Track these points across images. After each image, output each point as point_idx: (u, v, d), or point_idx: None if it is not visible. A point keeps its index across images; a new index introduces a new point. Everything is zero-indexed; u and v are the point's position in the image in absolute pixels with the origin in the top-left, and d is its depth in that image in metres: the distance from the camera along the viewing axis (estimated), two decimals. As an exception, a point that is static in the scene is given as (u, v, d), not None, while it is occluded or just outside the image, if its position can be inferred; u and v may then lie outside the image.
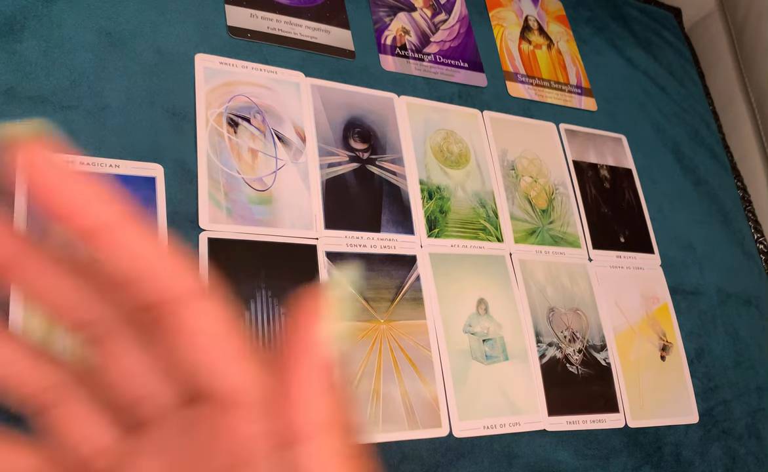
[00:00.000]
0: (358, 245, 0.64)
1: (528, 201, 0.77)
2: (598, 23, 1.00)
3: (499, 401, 0.64)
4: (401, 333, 0.63)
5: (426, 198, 0.70)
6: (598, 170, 0.85)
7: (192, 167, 0.60)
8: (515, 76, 0.86)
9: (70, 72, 0.58)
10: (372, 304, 0.62)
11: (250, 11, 0.71)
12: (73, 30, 0.60)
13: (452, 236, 0.70)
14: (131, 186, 0.56)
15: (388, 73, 0.76)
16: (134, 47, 0.62)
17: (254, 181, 0.62)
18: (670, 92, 1.00)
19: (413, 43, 0.80)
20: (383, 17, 0.80)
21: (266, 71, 0.68)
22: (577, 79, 0.91)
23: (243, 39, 0.68)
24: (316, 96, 0.69)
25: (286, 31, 0.71)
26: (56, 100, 0.57)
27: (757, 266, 0.93)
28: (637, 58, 1.00)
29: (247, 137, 0.64)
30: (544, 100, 0.86)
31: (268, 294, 0.58)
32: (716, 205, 0.93)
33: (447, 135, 0.76)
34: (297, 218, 0.62)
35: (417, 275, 0.66)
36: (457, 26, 0.85)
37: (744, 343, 0.84)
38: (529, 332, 0.70)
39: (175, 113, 0.61)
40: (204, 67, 0.65)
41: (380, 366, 0.60)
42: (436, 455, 0.59)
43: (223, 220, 0.59)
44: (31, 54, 0.57)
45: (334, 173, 0.67)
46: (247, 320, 0.57)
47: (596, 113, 0.90)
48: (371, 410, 0.58)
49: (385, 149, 0.71)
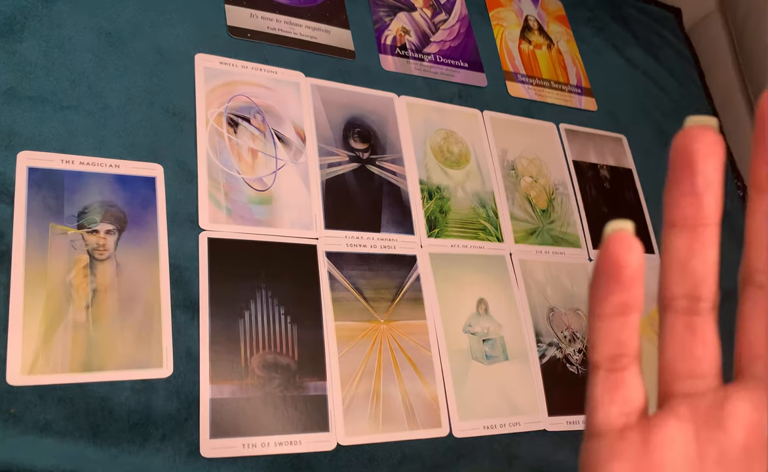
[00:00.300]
0: (358, 245, 0.64)
1: (528, 201, 0.77)
2: (598, 23, 1.00)
3: (499, 401, 0.64)
4: (401, 333, 0.63)
5: (426, 198, 0.70)
6: (598, 170, 0.85)
7: (192, 167, 0.60)
8: (515, 76, 0.86)
9: (70, 72, 0.58)
10: (372, 304, 0.62)
11: (250, 11, 0.71)
12: (73, 30, 0.60)
13: (452, 236, 0.70)
14: (131, 186, 0.56)
15: (388, 73, 0.76)
16: (134, 47, 0.62)
17: (254, 181, 0.62)
18: (670, 92, 1.00)
19: (413, 43, 0.80)
20: (383, 17, 0.80)
21: (266, 71, 0.68)
22: (577, 79, 0.91)
23: (243, 39, 0.68)
24: (316, 96, 0.69)
25: (286, 31, 0.71)
26: (56, 100, 0.57)
27: (757, 266, 0.92)
28: (637, 58, 1.00)
29: (247, 137, 0.63)
30: (544, 100, 0.86)
31: (268, 294, 0.58)
32: (716, 206, 0.93)
33: (447, 135, 0.75)
34: (297, 218, 0.62)
35: (417, 275, 0.66)
36: (457, 26, 0.85)
37: (744, 343, 0.84)
38: (529, 332, 0.70)
39: (175, 113, 0.61)
40: (204, 67, 0.65)
41: (380, 366, 0.60)
42: (436, 455, 0.59)
43: (223, 220, 0.59)
44: (31, 54, 0.57)
45: (334, 173, 0.67)
46: (247, 320, 0.57)
47: (596, 113, 0.90)
48: (371, 410, 0.58)
49: (385, 149, 0.71)
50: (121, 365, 0.50)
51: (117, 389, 0.50)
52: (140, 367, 0.51)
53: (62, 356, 0.49)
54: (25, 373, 0.47)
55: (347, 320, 0.61)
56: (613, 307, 0.19)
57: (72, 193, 0.54)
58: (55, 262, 0.51)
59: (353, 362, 0.59)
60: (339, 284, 0.62)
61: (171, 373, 0.52)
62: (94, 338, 0.50)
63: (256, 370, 0.55)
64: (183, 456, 0.50)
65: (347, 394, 0.58)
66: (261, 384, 0.55)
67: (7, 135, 0.54)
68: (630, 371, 0.20)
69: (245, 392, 0.54)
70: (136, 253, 0.54)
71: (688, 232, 0.19)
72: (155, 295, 0.54)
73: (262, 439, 0.53)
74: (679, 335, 0.20)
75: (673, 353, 0.20)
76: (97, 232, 0.54)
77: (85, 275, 0.52)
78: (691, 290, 0.20)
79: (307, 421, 0.55)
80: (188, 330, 0.54)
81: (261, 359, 0.56)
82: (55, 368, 0.48)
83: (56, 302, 0.50)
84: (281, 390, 0.55)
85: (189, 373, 0.53)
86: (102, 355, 0.50)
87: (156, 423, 0.50)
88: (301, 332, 0.58)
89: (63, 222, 0.53)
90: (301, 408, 0.55)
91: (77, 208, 0.54)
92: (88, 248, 0.53)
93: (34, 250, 0.51)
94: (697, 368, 0.20)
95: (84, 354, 0.50)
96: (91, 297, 0.52)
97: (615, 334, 0.20)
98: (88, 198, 0.54)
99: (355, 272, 0.63)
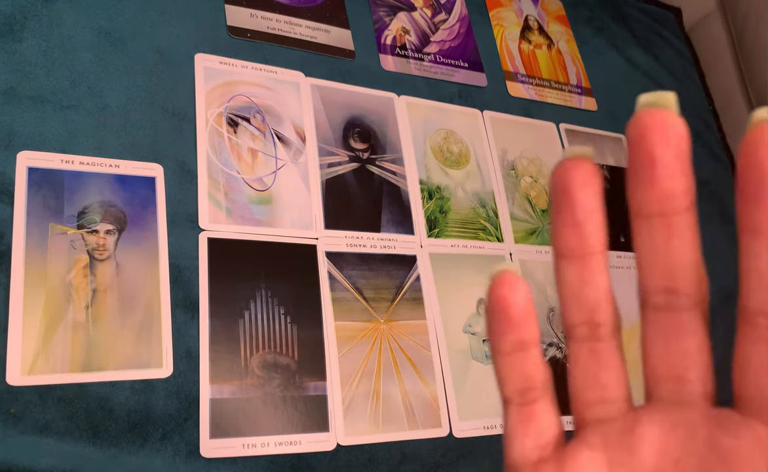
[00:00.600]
0: (358, 245, 0.64)
1: (528, 201, 0.77)
2: (598, 23, 1.00)
3: (499, 401, 0.64)
4: (401, 333, 0.63)
5: (426, 198, 0.70)
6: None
7: (192, 167, 0.60)
8: (515, 76, 0.86)
9: (69, 72, 0.58)
10: (372, 304, 0.62)
11: (250, 11, 0.71)
12: (73, 30, 0.60)
13: (452, 235, 0.70)
14: (131, 186, 0.56)
15: (388, 72, 0.76)
16: (134, 47, 0.62)
17: (254, 181, 0.62)
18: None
19: (413, 43, 0.80)
20: (383, 17, 0.80)
21: (266, 71, 0.68)
22: (577, 79, 0.91)
23: (243, 39, 0.68)
24: (316, 96, 0.69)
25: (286, 30, 0.71)
26: (56, 100, 0.57)
27: (757, 266, 0.92)
28: (637, 58, 1.00)
29: (247, 137, 0.63)
30: (544, 100, 0.86)
31: (268, 294, 0.58)
32: (716, 206, 0.93)
33: (447, 135, 0.75)
34: (297, 218, 0.62)
35: (417, 275, 0.66)
36: (457, 26, 0.85)
37: (744, 343, 0.84)
38: (529, 332, 0.70)
39: (174, 113, 0.61)
40: (204, 67, 0.65)
41: (380, 366, 0.60)
42: (436, 455, 0.59)
43: (223, 220, 0.59)
44: (31, 54, 0.57)
45: (334, 173, 0.67)
46: (246, 319, 0.57)
47: (596, 113, 0.90)
48: (371, 410, 0.58)
49: (385, 149, 0.71)
50: (121, 365, 0.50)
51: (117, 389, 0.50)
52: (140, 367, 0.51)
53: (62, 356, 0.49)
54: (24, 373, 0.47)
55: (347, 320, 0.61)
56: (510, 345, 0.20)
57: (72, 193, 0.54)
58: (54, 262, 0.51)
59: (353, 362, 0.59)
60: (339, 284, 0.62)
61: (171, 373, 0.52)
62: (93, 338, 0.50)
63: (256, 370, 0.55)
64: (183, 456, 0.50)
65: (347, 394, 0.58)
66: (261, 384, 0.55)
67: (7, 135, 0.54)
68: (540, 403, 0.20)
69: (245, 392, 0.54)
70: (135, 253, 0.54)
71: (576, 262, 0.19)
72: (155, 295, 0.54)
73: (261, 439, 0.53)
74: (583, 363, 0.20)
75: (581, 381, 0.20)
76: (96, 232, 0.54)
77: (85, 275, 0.52)
78: (588, 317, 0.20)
79: (307, 421, 0.55)
80: (188, 330, 0.54)
81: (261, 359, 0.56)
82: (54, 368, 0.48)
83: (56, 302, 0.50)
84: (281, 390, 0.55)
85: (189, 373, 0.53)
86: (102, 355, 0.50)
87: (156, 423, 0.50)
88: (301, 332, 0.58)
89: (63, 222, 0.53)
90: (301, 408, 0.55)
91: (77, 208, 0.54)
92: (87, 248, 0.53)
93: (33, 250, 0.51)
94: (606, 393, 0.20)
95: (84, 354, 0.50)
96: (91, 297, 0.52)
97: (518, 368, 0.20)
98: (88, 198, 0.54)
99: (355, 272, 0.63)
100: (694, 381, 0.19)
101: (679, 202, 0.18)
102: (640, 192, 0.18)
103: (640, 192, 0.18)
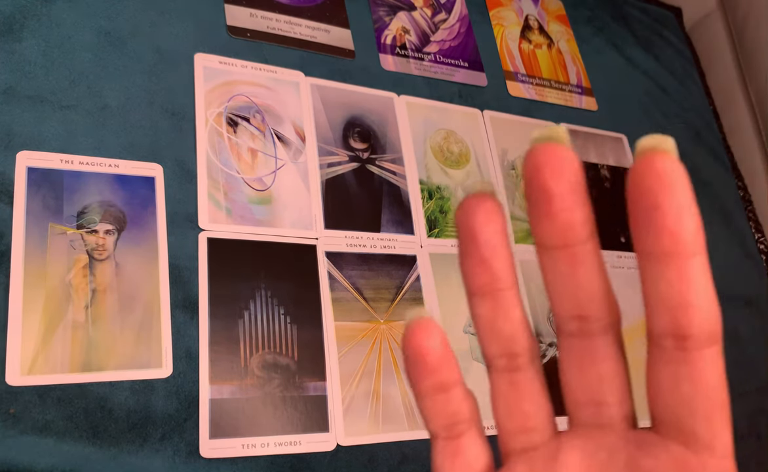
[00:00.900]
0: (358, 245, 0.64)
1: (528, 201, 0.77)
2: (599, 23, 1.00)
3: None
4: (401, 333, 0.62)
5: (426, 198, 0.70)
6: (599, 170, 0.85)
7: (191, 167, 0.60)
8: (515, 75, 0.86)
9: (69, 72, 0.58)
10: (372, 304, 0.62)
11: (250, 10, 0.70)
12: (73, 30, 0.60)
13: (452, 235, 0.70)
14: (130, 186, 0.56)
15: (388, 72, 0.76)
16: (133, 47, 0.62)
17: (254, 181, 0.62)
18: (671, 92, 1.00)
19: (413, 43, 0.80)
20: (383, 17, 0.80)
21: (266, 71, 0.68)
22: (578, 79, 0.91)
23: (242, 38, 0.68)
24: (316, 96, 0.69)
25: (286, 30, 0.71)
26: (55, 99, 0.57)
27: (757, 267, 0.92)
28: (637, 57, 1.00)
29: (247, 137, 0.63)
30: (544, 99, 0.86)
31: (268, 294, 0.58)
32: (717, 206, 0.93)
33: (447, 135, 0.75)
34: (297, 218, 0.62)
35: (417, 275, 0.66)
36: (457, 26, 0.85)
37: (744, 343, 0.84)
38: (529, 332, 0.70)
39: (174, 113, 0.61)
40: (203, 67, 0.64)
41: (380, 366, 0.60)
42: (436, 456, 0.59)
43: (223, 220, 0.59)
44: (31, 54, 0.57)
45: (333, 173, 0.67)
46: (246, 320, 0.56)
47: (596, 113, 0.90)
48: (371, 410, 0.58)
49: (385, 149, 0.71)
50: (121, 365, 0.50)
51: (116, 389, 0.50)
52: (140, 367, 0.51)
53: (62, 356, 0.49)
54: (24, 373, 0.47)
55: (347, 320, 0.60)
56: (430, 389, 0.20)
57: (71, 193, 0.54)
58: (54, 262, 0.51)
59: (353, 362, 0.59)
60: (339, 284, 0.62)
61: (170, 373, 0.52)
62: (93, 338, 0.50)
63: (255, 370, 0.55)
64: (182, 456, 0.50)
65: (347, 394, 0.58)
66: (261, 384, 0.55)
67: (6, 135, 0.54)
68: (467, 435, 0.20)
69: (245, 392, 0.54)
70: (135, 253, 0.54)
71: (488, 298, 0.19)
72: (155, 295, 0.54)
73: (261, 439, 0.53)
74: (504, 393, 0.20)
75: (503, 411, 0.20)
76: (96, 232, 0.54)
77: (85, 275, 0.52)
78: (505, 349, 0.20)
79: (307, 421, 0.55)
80: (188, 330, 0.54)
81: (261, 360, 0.56)
82: (54, 368, 0.48)
83: (56, 302, 0.50)
84: (281, 390, 0.55)
85: (188, 373, 0.53)
86: (101, 355, 0.50)
87: (155, 423, 0.50)
88: (300, 332, 0.58)
89: (62, 222, 0.53)
90: (300, 408, 0.55)
91: (76, 208, 0.54)
92: (87, 248, 0.53)
93: (33, 250, 0.51)
94: (528, 422, 0.20)
95: (83, 354, 0.50)
96: (91, 297, 0.52)
97: (441, 408, 0.20)
98: (88, 198, 0.54)
99: (355, 272, 0.63)
100: (612, 405, 0.19)
101: (578, 232, 0.18)
102: (540, 226, 0.18)
103: (540, 226, 0.18)
